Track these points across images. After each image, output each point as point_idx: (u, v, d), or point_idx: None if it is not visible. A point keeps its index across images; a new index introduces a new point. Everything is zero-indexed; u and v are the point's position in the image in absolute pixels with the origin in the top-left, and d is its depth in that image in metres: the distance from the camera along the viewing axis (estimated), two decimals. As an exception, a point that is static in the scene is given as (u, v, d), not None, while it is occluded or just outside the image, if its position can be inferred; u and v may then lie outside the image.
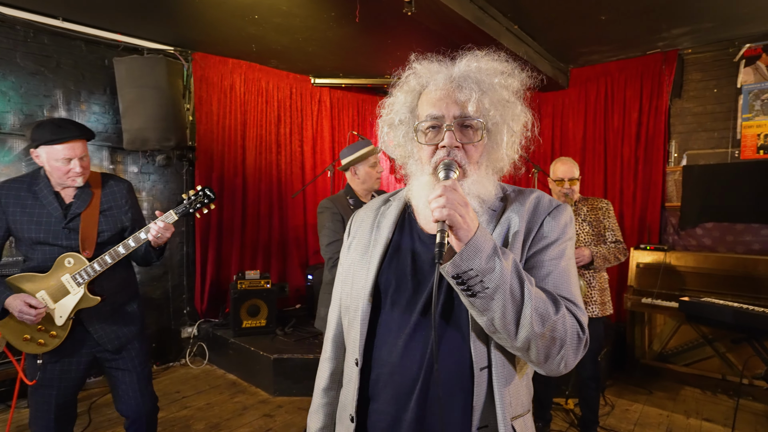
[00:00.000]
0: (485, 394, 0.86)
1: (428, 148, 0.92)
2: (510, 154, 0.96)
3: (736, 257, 3.64)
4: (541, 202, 0.94)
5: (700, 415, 3.23)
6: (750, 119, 3.87)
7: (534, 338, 0.79)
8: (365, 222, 1.08)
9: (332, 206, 2.33)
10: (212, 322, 4.25)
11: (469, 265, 0.76)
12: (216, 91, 4.23)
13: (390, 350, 0.92)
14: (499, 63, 0.95)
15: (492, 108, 0.91)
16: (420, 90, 0.96)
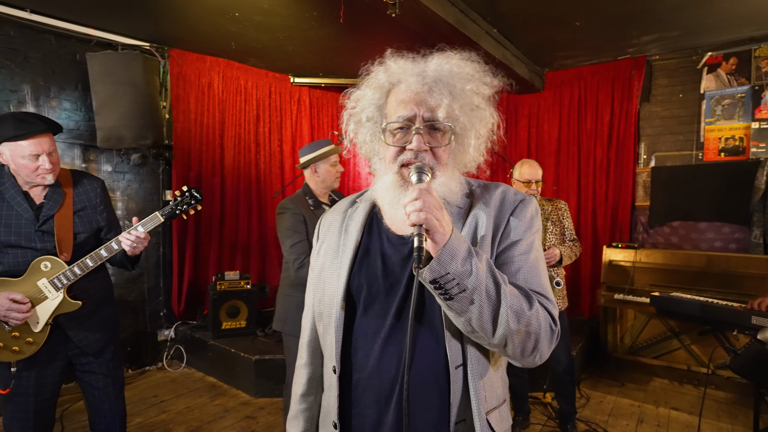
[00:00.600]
0: (461, 390, 0.88)
1: (394, 148, 0.91)
2: (476, 156, 0.97)
3: (700, 254, 3.83)
4: (506, 196, 0.95)
5: (668, 404, 3.40)
6: (712, 123, 4.08)
7: (510, 335, 0.80)
8: (333, 226, 1.06)
9: (293, 207, 2.30)
10: (190, 324, 4.16)
11: (446, 269, 0.77)
12: (194, 88, 4.15)
13: (367, 354, 0.91)
14: (471, 67, 0.94)
15: (462, 114, 0.91)
16: (389, 87, 0.94)
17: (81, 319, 1.84)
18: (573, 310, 4.50)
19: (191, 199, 1.93)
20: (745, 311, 2.42)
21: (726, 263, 3.64)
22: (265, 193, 4.72)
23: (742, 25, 3.62)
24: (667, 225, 4.21)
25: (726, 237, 3.97)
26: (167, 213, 1.89)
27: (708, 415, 3.18)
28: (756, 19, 3.52)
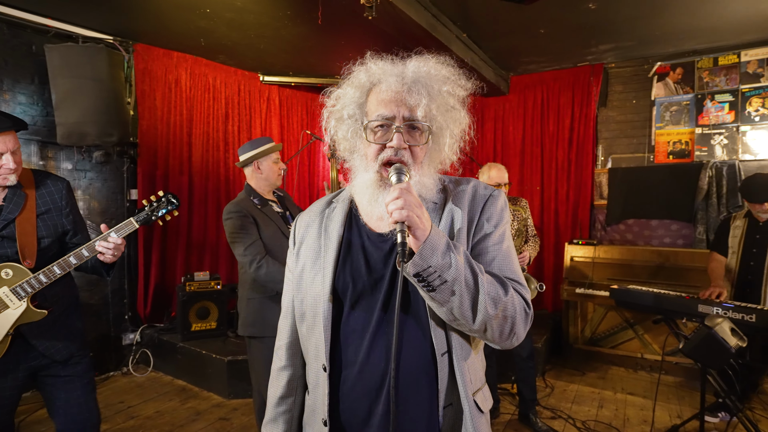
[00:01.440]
0: (448, 376, 0.93)
1: (376, 146, 0.94)
2: (450, 155, 1.01)
3: (652, 249, 4.12)
4: (477, 191, 1.01)
5: (624, 390, 3.63)
6: (662, 128, 4.39)
7: (489, 320, 0.86)
8: (312, 227, 1.07)
9: (238, 210, 2.24)
10: (157, 327, 4.04)
11: (427, 263, 0.81)
12: (160, 85, 4.04)
13: (356, 350, 0.94)
14: (447, 70, 0.98)
15: (438, 114, 0.95)
16: (370, 87, 0.97)
17: (46, 327, 1.74)
18: (537, 304, 4.71)
19: (168, 204, 1.85)
20: (693, 300, 2.64)
21: (674, 257, 3.93)
22: (234, 192, 4.64)
23: (686, 38, 3.93)
24: (623, 223, 4.50)
25: (674, 233, 4.28)
26: (142, 219, 1.81)
27: (659, 398, 3.43)
28: (698, 34, 3.83)
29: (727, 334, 2.02)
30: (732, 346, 1.99)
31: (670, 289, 3.18)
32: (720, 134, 4.15)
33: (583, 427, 3.00)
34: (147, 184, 3.96)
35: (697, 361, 2.15)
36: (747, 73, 4.06)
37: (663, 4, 3.26)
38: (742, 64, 4.07)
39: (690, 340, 2.11)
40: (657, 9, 3.34)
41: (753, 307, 2.48)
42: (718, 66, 4.16)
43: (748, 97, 4.06)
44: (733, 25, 3.63)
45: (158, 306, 4.12)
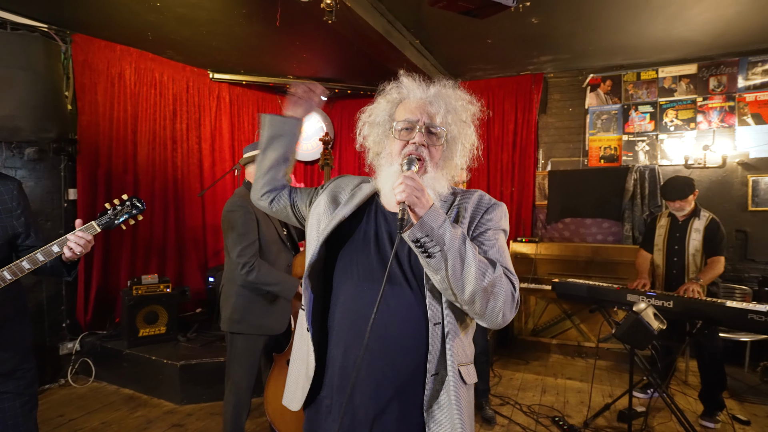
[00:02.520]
0: (439, 346, 1.05)
1: (400, 142, 1.13)
2: (460, 163, 1.19)
3: (587, 246, 4.50)
4: (482, 199, 1.19)
5: (564, 375, 3.94)
6: (594, 134, 4.80)
7: (478, 292, 0.98)
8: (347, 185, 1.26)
9: (245, 204, 2.20)
10: (99, 334, 3.82)
11: (425, 232, 0.96)
12: (102, 79, 3.82)
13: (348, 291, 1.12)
14: (461, 92, 1.19)
15: (453, 124, 1.14)
16: (399, 100, 1.18)
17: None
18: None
19: (132, 209, 1.78)
20: (622, 291, 2.95)
21: (606, 253, 4.32)
22: (183, 192, 4.49)
23: (614, 54, 4.34)
24: (561, 221, 4.86)
25: (605, 231, 4.70)
26: (105, 223, 1.72)
27: (595, 380, 3.76)
28: (624, 51, 4.24)
29: (651, 318, 2.29)
30: (655, 329, 2.26)
31: (602, 281, 3.51)
32: (642, 141, 4.61)
33: (529, 411, 3.23)
34: (87, 183, 3.74)
35: (626, 343, 2.41)
36: (664, 88, 4.55)
37: (595, 23, 3.59)
38: (660, 79, 4.56)
39: (621, 325, 2.37)
40: (590, 27, 3.67)
41: (671, 294, 2.82)
42: (640, 80, 4.62)
43: (664, 108, 4.54)
44: (652, 45, 4.06)
45: (100, 312, 3.89)
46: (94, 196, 3.79)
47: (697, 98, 4.42)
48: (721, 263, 2.99)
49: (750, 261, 4.26)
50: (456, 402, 1.05)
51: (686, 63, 4.44)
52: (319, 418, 1.14)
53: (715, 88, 4.37)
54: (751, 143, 4.25)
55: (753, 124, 4.25)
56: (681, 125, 4.48)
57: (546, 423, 3.06)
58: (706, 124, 4.39)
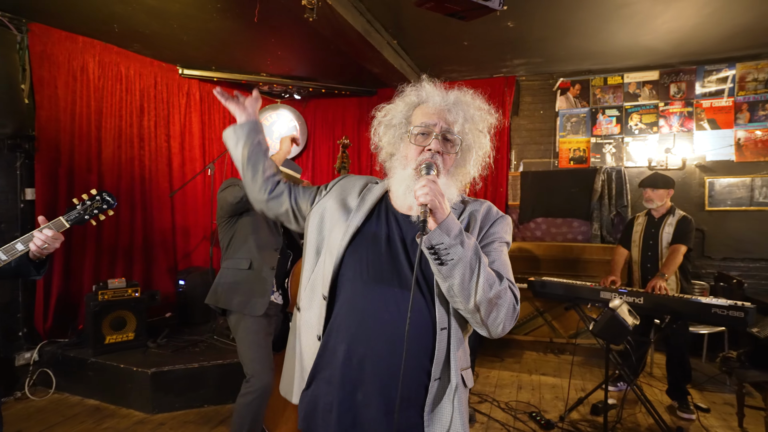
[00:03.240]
0: (444, 350, 1.06)
1: (417, 147, 1.12)
2: (472, 172, 1.19)
3: (557, 245, 4.64)
4: (491, 210, 1.20)
5: (538, 371, 4.05)
6: (564, 137, 4.95)
7: (483, 302, 0.99)
8: (353, 190, 1.23)
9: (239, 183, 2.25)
10: (60, 342, 3.60)
11: (440, 240, 0.96)
12: (63, 72, 3.61)
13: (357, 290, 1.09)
14: (480, 102, 1.19)
15: (469, 133, 1.14)
16: (417, 103, 1.16)
17: None
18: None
19: (102, 203, 1.73)
20: (596, 288, 3.06)
21: (576, 251, 4.47)
22: (151, 192, 4.31)
23: (583, 59, 4.49)
24: (533, 221, 4.99)
25: (575, 230, 4.86)
26: (74, 218, 1.67)
27: (565, 375, 3.89)
28: (592, 56, 4.40)
29: (626, 314, 2.38)
30: (630, 325, 2.35)
31: (573, 279, 3.62)
32: (609, 144, 4.80)
33: (507, 408, 3.29)
34: (47, 182, 3.52)
35: (603, 339, 2.49)
36: (629, 93, 4.75)
37: (567, 29, 3.70)
38: (625, 84, 4.76)
39: (598, 322, 2.45)
40: (561, 32, 3.78)
41: (641, 291, 2.95)
42: (607, 85, 4.81)
43: (629, 113, 4.75)
44: (619, 52, 4.24)
45: (61, 319, 3.67)
46: (55, 195, 3.57)
47: (659, 103, 4.64)
48: (680, 251, 3.13)
49: (707, 258, 4.52)
50: (458, 406, 1.05)
51: (649, 69, 4.65)
52: (316, 415, 1.11)
53: (675, 94, 4.60)
54: (708, 147, 4.50)
55: (709, 128, 4.51)
56: (645, 129, 4.69)
57: (524, 419, 3.13)
58: (668, 128, 4.62)
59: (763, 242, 4.36)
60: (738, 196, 4.41)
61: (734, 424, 3.04)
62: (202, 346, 3.66)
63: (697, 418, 3.11)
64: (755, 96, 4.39)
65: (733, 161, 4.43)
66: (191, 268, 4.56)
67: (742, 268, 4.43)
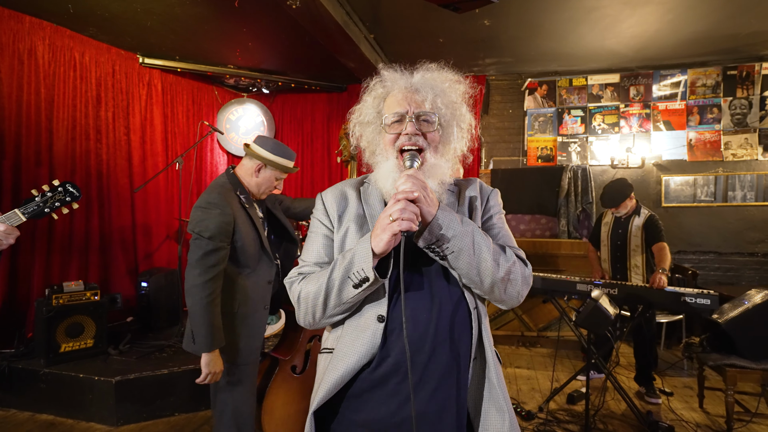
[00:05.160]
0: (477, 330, 1.03)
1: (391, 135, 1.08)
2: (460, 146, 1.15)
3: (527, 240, 4.76)
4: (483, 186, 1.21)
5: (512, 364, 4.13)
6: (532, 135, 5.10)
7: (496, 282, 1.00)
8: (350, 199, 1.15)
9: (224, 205, 1.81)
10: (6, 353, 3.26)
11: (433, 237, 0.97)
12: (6, 54, 3.28)
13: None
14: (447, 73, 1.14)
15: (443, 106, 1.09)
16: (385, 96, 1.12)
17: None
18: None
19: (65, 195, 1.58)
20: (572, 281, 3.16)
21: (545, 247, 4.60)
22: (108, 188, 4.00)
23: (550, 60, 4.64)
24: (503, 218, 5.09)
25: (543, 226, 5.01)
26: (31, 211, 1.51)
27: (538, 367, 3.99)
28: (559, 58, 4.56)
29: (608, 304, 2.47)
30: (611, 314, 2.43)
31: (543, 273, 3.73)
32: (575, 143, 4.99)
33: (486, 401, 3.32)
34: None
35: (587, 329, 2.57)
36: (592, 94, 4.96)
37: (539, 29, 3.81)
38: (589, 86, 4.97)
39: (581, 313, 2.52)
40: (534, 32, 3.88)
41: (615, 282, 3.07)
42: (572, 86, 5.00)
43: (593, 113, 4.96)
44: (584, 54, 4.41)
45: (6, 327, 3.33)
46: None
47: (620, 105, 4.88)
48: (666, 248, 3.28)
49: (663, 251, 4.79)
50: (498, 381, 1.03)
51: (611, 72, 4.88)
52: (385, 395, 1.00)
53: (634, 97, 4.85)
54: (664, 147, 4.78)
55: (665, 129, 4.79)
56: (607, 129, 4.92)
57: (504, 411, 3.17)
58: (628, 129, 4.86)
59: (711, 236, 4.69)
60: (689, 194, 4.72)
61: (695, 406, 3.24)
62: (169, 351, 3.44)
63: (663, 402, 3.28)
64: (704, 100, 4.71)
65: (685, 160, 4.73)
66: (154, 269, 4.29)
67: (694, 260, 4.74)
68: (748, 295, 2.92)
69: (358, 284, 0.97)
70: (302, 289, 1.06)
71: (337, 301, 1.01)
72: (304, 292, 1.05)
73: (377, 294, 1.02)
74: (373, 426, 1.01)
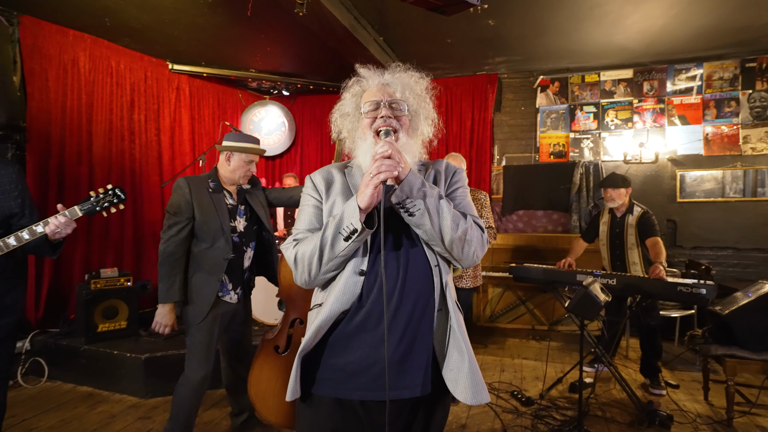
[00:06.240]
0: (439, 285, 1.21)
1: (368, 119, 1.27)
2: (426, 132, 1.35)
3: (538, 236, 4.82)
4: (448, 165, 1.39)
5: (520, 356, 4.21)
6: (545, 132, 5.15)
7: (455, 240, 1.16)
8: (336, 177, 1.33)
9: (185, 186, 2.25)
10: (51, 332, 3.64)
11: (404, 195, 1.12)
12: (54, 64, 3.66)
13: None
14: (413, 72, 1.35)
15: (411, 97, 1.30)
16: (362, 91, 1.32)
17: None
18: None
19: (114, 198, 1.88)
20: (573, 272, 3.24)
21: (556, 242, 4.66)
22: (140, 185, 4.36)
23: (561, 58, 4.70)
24: (515, 213, 5.17)
25: (555, 221, 5.06)
26: (87, 209, 1.82)
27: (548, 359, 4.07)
28: (570, 55, 4.61)
29: (598, 291, 2.55)
30: (602, 301, 2.52)
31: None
32: (587, 139, 5.01)
33: (490, 388, 3.44)
34: (38, 173, 3.56)
35: (577, 315, 2.66)
36: (605, 90, 4.97)
37: (544, 28, 3.89)
38: (601, 82, 4.98)
39: (572, 299, 2.62)
40: (539, 31, 3.97)
41: (614, 273, 3.14)
42: (584, 82, 5.02)
43: (606, 109, 4.97)
44: (594, 51, 4.45)
45: (52, 309, 3.72)
46: (46, 186, 3.62)
47: (633, 100, 4.87)
48: (659, 243, 3.30)
49: (678, 247, 4.75)
50: (458, 328, 1.20)
51: (624, 68, 4.88)
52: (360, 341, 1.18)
53: (648, 92, 4.84)
54: (679, 141, 4.75)
55: (680, 124, 4.75)
56: (620, 124, 4.92)
57: (505, 397, 3.28)
58: (641, 124, 4.85)
59: (728, 232, 4.61)
60: (707, 188, 4.66)
61: (700, 398, 3.25)
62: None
63: (667, 394, 3.31)
64: (721, 93, 4.64)
65: (702, 155, 4.68)
66: (181, 260, 4.62)
67: (711, 256, 4.67)
68: (757, 285, 2.93)
69: (348, 236, 1.14)
70: (298, 251, 1.23)
71: (330, 256, 1.17)
72: (300, 252, 1.22)
73: (359, 253, 1.20)
74: (348, 368, 1.18)
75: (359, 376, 1.17)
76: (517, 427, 2.84)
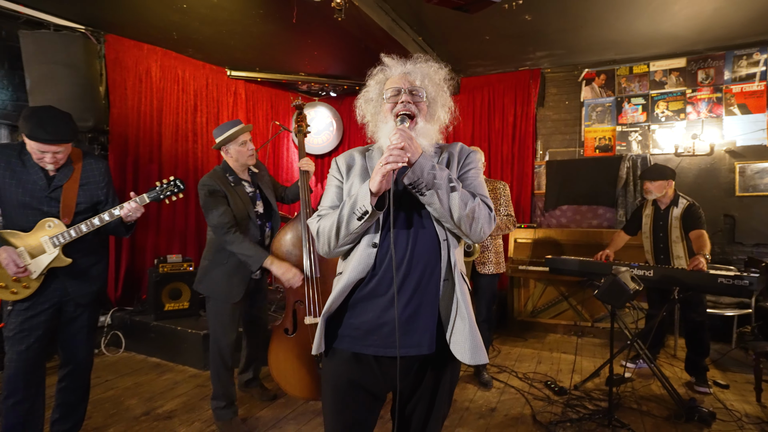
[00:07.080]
0: (447, 257, 1.35)
1: (390, 104, 1.39)
2: (443, 120, 1.47)
3: (582, 231, 4.74)
4: (463, 147, 1.51)
5: (559, 350, 4.19)
6: (590, 126, 5.05)
7: (463, 218, 1.27)
8: (356, 160, 1.48)
9: (210, 183, 2.48)
10: (127, 310, 4.16)
11: (415, 177, 1.24)
12: (131, 75, 4.18)
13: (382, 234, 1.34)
14: (433, 62, 1.45)
15: (430, 86, 1.40)
16: (385, 79, 1.44)
17: (73, 274, 2.11)
18: (486, 283, 5.21)
19: (174, 188, 2.24)
20: (608, 263, 3.21)
21: (600, 237, 4.57)
22: (202, 181, 4.83)
23: (606, 49, 4.60)
24: (558, 208, 5.11)
25: (600, 216, 4.94)
26: (153, 196, 2.19)
27: (585, 354, 4.02)
28: (616, 46, 4.50)
29: (628, 280, 2.55)
30: (630, 289, 2.51)
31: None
32: (635, 131, 4.86)
33: (524, 378, 3.49)
34: (118, 170, 4.09)
35: (605, 302, 2.65)
36: (655, 81, 4.79)
37: (583, 19, 3.86)
38: (651, 73, 4.81)
39: (601, 286, 2.63)
40: (579, 23, 3.94)
41: (650, 265, 3.08)
42: (632, 74, 4.87)
43: (656, 101, 4.79)
44: (641, 40, 4.32)
45: (128, 290, 4.23)
46: (124, 181, 4.14)
47: (687, 90, 4.66)
48: (704, 235, 3.19)
49: (738, 244, 4.48)
50: (462, 297, 1.34)
51: (675, 57, 4.68)
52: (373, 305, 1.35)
53: (703, 81, 4.61)
54: (738, 132, 4.48)
55: (739, 113, 4.48)
56: (671, 116, 4.72)
57: (539, 386, 3.32)
58: (695, 115, 4.63)
59: (797, 228, 4.29)
60: (771, 182, 4.36)
61: (752, 399, 3.09)
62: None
63: (714, 393, 3.18)
64: (788, 79, 4.33)
65: (765, 146, 4.39)
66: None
67: (776, 255, 4.37)
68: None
69: (360, 217, 1.30)
70: (320, 225, 1.43)
71: (346, 232, 1.35)
72: (322, 226, 1.41)
73: (373, 228, 1.37)
74: (363, 327, 1.36)
75: (372, 334, 1.35)
76: (547, 413, 2.88)
